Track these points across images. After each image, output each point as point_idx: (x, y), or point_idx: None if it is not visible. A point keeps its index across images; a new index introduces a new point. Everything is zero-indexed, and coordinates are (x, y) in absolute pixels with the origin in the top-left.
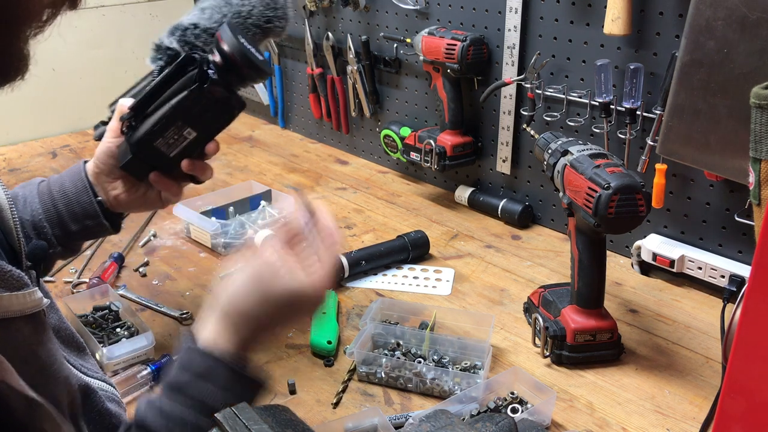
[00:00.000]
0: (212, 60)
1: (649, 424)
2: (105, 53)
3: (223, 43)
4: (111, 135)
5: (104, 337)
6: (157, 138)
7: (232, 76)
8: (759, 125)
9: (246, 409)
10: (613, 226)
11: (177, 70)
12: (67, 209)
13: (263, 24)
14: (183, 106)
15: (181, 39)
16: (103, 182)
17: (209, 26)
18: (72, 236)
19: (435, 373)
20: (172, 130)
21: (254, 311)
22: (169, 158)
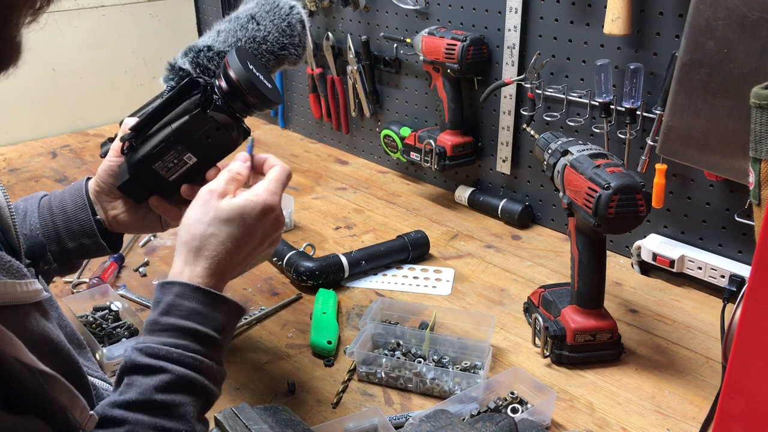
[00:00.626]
0: (218, 85)
1: (649, 424)
2: (105, 53)
3: (229, 69)
4: (113, 154)
5: (104, 337)
6: (156, 161)
7: (236, 103)
8: (759, 125)
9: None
10: (613, 226)
11: (181, 93)
12: (65, 226)
13: (277, 51)
14: (184, 130)
15: (193, 60)
16: (103, 201)
17: (223, 49)
18: (69, 254)
19: (435, 373)
20: (171, 154)
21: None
22: (168, 182)
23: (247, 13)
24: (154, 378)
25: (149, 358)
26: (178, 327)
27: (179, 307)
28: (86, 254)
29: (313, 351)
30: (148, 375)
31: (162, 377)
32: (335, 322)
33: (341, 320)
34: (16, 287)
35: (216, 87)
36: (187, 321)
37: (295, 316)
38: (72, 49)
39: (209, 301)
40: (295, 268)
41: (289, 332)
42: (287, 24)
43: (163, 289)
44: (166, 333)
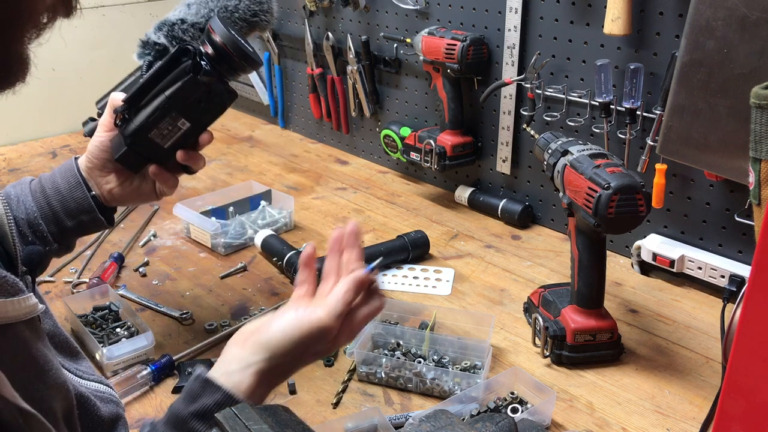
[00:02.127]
0: (204, 51)
1: (649, 424)
2: (105, 53)
3: (214, 34)
4: (103, 129)
5: (104, 337)
6: (152, 129)
7: (223, 66)
8: (759, 125)
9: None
10: (613, 226)
11: (170, 62)
12: (62, 205)
13: (249, 18)
14: (177, 96)
15: (168, 34)
16: (96, 177)
17: (196, 21)
18: (68, 232)
19: (435, 373)
20: (166, 121)
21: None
22: (164, 149)
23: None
24: None
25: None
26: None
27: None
28: (85, 230)
29: None
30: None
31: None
32: None
33: None
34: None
35: (203, 53)
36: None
37: None
38: (72, 49)
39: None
40: (295, 268)
41: None
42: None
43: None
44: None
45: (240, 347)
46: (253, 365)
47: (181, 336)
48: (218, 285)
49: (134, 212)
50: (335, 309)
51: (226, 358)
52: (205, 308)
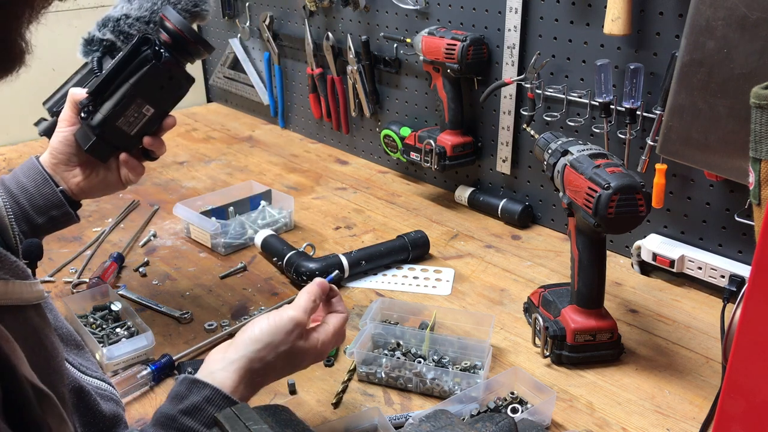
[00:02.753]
0: (162, 39)
1: (649, 424)
2: None
3: (169, 22)
4: (66, 124)
5: (104, 337)
6: (119, 117)
7: (181, 52)
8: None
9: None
10: (613, 226)
11: (131, 53)
12: (30, 203)
13: (191, 9)
14: (141, 83)
15: (115, 29)
16: (62, 172)
17: (140, 15)
18: (38, 230)
19: (435, 373)
20: (132, 108)
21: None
22: (131, 136)
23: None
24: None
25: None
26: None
27: (204, 412)
28: (56, 226)
29: None
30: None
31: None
32: None
33: None
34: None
35: (161, 42)
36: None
37: None
38: (72, 49)
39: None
40: (295, 268)
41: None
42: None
43: (191, 386)
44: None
45: (222, 352)
46: (234, 362)
47: (181, 336)
48: (218, 285)
49: (134, 212)
50: (301, 304)
51: (208, 362)
52: (205, 308)
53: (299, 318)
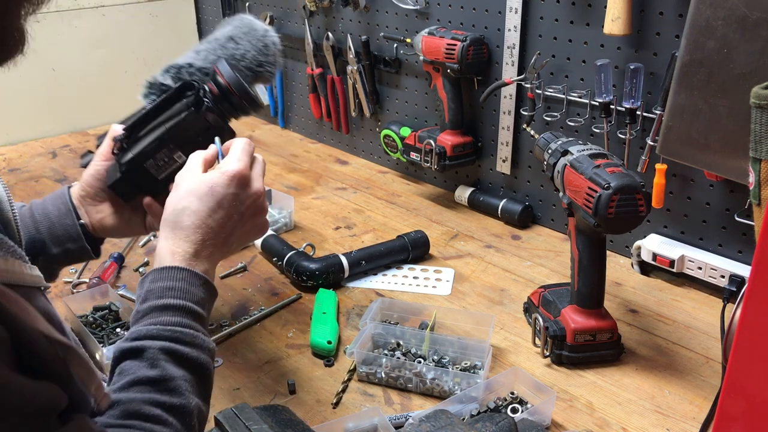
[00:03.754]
0: (208, 89)
1: (649, 424)
2: (105, 53)
3: (220, 75)
4: (101, 158)
5: (104, 337)
6: (148, 159)
7: (225, 105)
8: (759, 125)
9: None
10: (613, 226)
11: (174, 96)
12: (50, 232)
13: (255, 68)
14: (177, 129)
15: (175, 76)
16: (88, 205)
17: (203, 66)
18: (52, 260)
19: (435, 373)
20: (163, 152)
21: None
22: (158, 180)
23: (226, 35)
24: (139, 358)
25: (132, 342)
26: (155, 307)
27: (154, 291)
28: (70, 260)
29: (313, 351)
30: (134, 358)
31: (147, 354)
32: (335, 322)
33: (341, 320)
34: (24, 268)
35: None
36: (162, 299)
37: (295, 316)
38: (72, 49)
39: (182, 276)
40: (295, 268)
41: (289, 332)
42: (263, 44)
43: (141, 283)
44: (146, 317)
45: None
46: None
47: None
48: (218, 285)
49: None
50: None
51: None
52: None
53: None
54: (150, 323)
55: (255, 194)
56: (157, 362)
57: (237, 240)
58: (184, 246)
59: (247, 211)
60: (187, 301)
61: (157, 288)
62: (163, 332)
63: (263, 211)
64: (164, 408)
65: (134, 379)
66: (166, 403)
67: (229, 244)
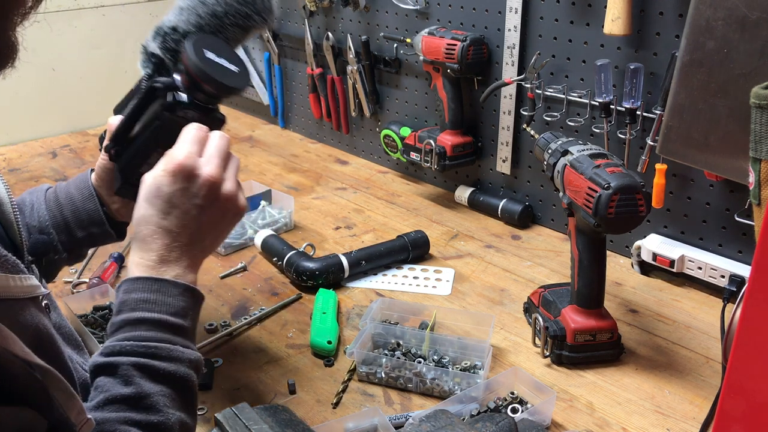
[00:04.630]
0: (179, 80)
1: (649, 424)
2: (105, 53)
3: (186, 62)
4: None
5: (104, 337)
6: (142, 165)
7: (198, 94)
8: (759, 125)
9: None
10: (613, 226)
11: (145, 100)
12: (74, 216)
13: (242, 22)
14: (158, 131)
15: (162, 45)
16: (104, 195)
17: (187, 30)
18: (78, 242)
19: (435, 373)
20: (153, 156)
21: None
22: None
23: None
24: (113, 375)
25: (106, 357)
26: (128, 320)
27: (127, 302)
28: (95, 242)
29: (313, 351)
30: (108, 374)
31: (120, 371)
32: (335, 322)
33: (341, 320)
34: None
35: (176, 87)
36: (135, 312)
37: (295, 316)
38: (72, 49)
39: (156, 287)
40: (295, 268)
41: (289, 332)
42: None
43: (116, 291)
44: (120, 330)
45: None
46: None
47: None
48: (218, 285)
49: None
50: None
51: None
52: (205, 308)
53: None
54: (123, 338)
55: (207, 182)
56: (131, 379)
57: (209, 234)
58: (147, 255)
59: (206, 201)
60: (162, 314)
61: (131, 300)
62: (137, 348)
63: (229, 196)
64: (141, 426)
65: (109, 396)
66: (142, 422)
67: (200, 241)
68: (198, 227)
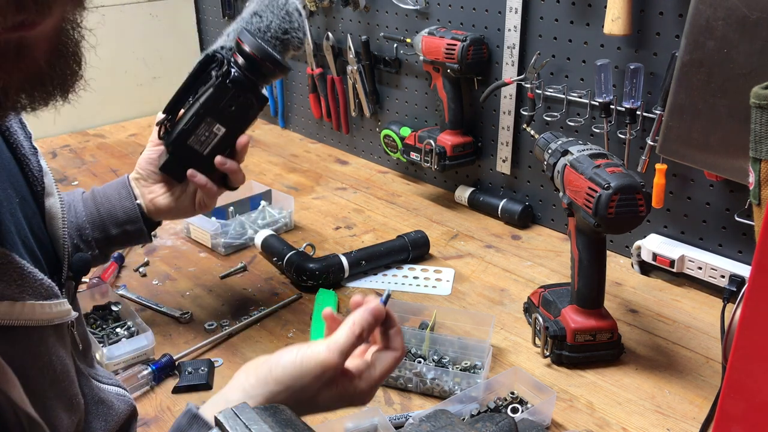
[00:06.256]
0: (234, 60)
1: (649, 424)
2: (105, 53)
3: (243, 44)
4: (151, 145)
5: (104, 337)
6: (190, 136)
7: (253, 72)
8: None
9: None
10: (613, 226)
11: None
12: (110, 214)
13: (281, 36)
14: (210, 101)
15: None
16: (142, 187)
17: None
18: (111, 240)
19: (435, 373)
20: (202, 127)
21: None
22: (203, 156)
23: (250, 12)
24: None
25: None
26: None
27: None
28: (128, 241)
29: None
30: None
31: None
32: None
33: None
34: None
35: (233, 62)
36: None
37: (295, 316)
38: None
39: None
40: (295, 268)
41: (289, 332)
42: (285, 12)
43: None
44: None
45: (245, 376)
46: (253, 399)
47: (181, 336)
48: (218, 285)
49: None
50: (337, 342)
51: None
52: (205, 308)
53: (331, 362)
54: None
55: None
56: None
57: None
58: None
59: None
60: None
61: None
62: None
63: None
64: None
65: None
66: None
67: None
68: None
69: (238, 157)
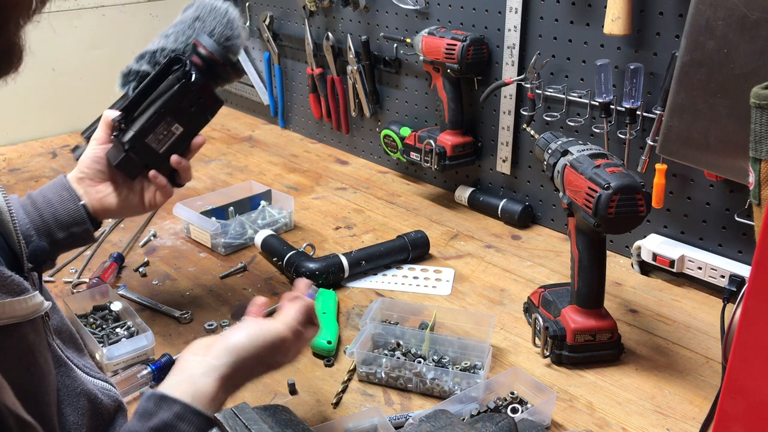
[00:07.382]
0: (193, 62)
1: (649, 424)
2: (105, 53)
3: (202, 47)
4: (97, 143)
5: (104, 337)
6: (149, 134)
7: (211, 75)
8: (759, 125)
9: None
10: (613, 226)
11: (163, 72)
12: (54, 218)
13: (224, 42)
14: (172, 101)
15: (150, 61)
16: (86, 187)
17: (175, 48)
18: (57, 245)
19: (435, 373)
20: (162, 126)
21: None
22: (159, 154)
23: (191, 17)
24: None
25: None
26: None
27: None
28: (74, 243)
29: (313, 351)
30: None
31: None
32: (335, 322)
33: (341, 320)
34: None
35: (192, 63)
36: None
37: None
38: (72, 49)
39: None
40: (295, 268)
41: None
42: (227, 20)
43: (160, 403)
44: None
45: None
46: (218, 369)
47: (181, 336)
48: (218, 285)
49: None
50: (292, 323)
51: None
52: (205, 308)
53: (287, 336)
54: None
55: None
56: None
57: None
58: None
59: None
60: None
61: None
62: None
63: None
64: None
65: None
66: None
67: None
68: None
69: (189, 155)
